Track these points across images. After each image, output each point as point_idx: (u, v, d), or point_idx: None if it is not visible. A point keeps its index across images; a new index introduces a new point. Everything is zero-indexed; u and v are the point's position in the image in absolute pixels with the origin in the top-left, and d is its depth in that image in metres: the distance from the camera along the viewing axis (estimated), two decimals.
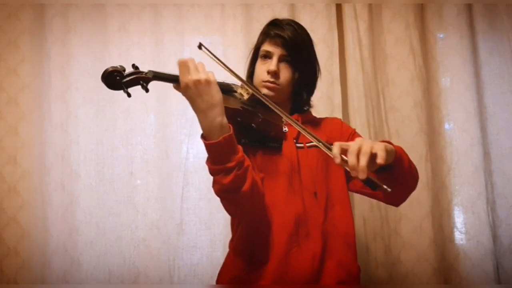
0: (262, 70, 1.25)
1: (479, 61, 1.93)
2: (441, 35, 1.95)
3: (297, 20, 1.85)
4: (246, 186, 1.04)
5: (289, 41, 1.23)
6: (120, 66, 0.99)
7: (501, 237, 1.84)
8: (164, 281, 1.70)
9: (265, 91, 1.23)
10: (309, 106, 1.34)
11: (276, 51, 1.24)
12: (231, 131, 1.02)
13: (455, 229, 1.84)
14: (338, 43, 1.91)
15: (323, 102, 1.86)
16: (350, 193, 1.30)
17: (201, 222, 1.76)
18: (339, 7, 1.95)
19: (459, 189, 1.86)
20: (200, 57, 1.84)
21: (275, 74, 1.22)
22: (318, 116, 1.38)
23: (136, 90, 1.96)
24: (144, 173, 1.76)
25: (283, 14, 1.81)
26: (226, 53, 1.83)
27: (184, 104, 1.78)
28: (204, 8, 1.86)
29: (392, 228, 1.83)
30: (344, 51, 1.93)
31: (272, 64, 1.22)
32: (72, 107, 1.75)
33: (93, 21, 1.80)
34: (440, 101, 1.91)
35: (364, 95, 1.88)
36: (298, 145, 1.25)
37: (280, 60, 1.24)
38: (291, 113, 1.30)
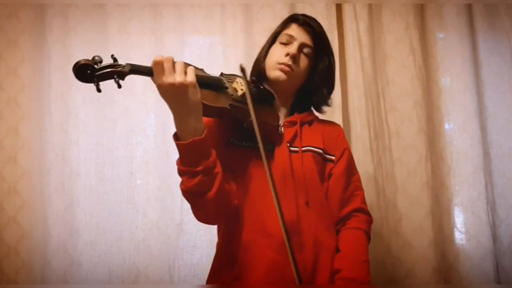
0: (280, 53, 1.20)
1: (479, 61, 1.93)
2: (441, 35, 1.95)
3: None
4: (211, 193, 1.00)
5: (317, 31, 1.21)
6: (98, 57, 0.92)
7: (501, 237, 1.84)
8: (164, 281, 1.70)
9: (277, 73, 1.19)
10: (327, 104, 1.31)
11: (300, 38, 1.20)
12: (203, 135, 0.98)
13: (455, 229, 1.84)
14: (338, 43, 1.91)
15: None
16: None
17: (201, 222, 1.76)
18: (339, 7, 1.95)
19: (459, 189, 1.85)
20: (201, 56, 1.84)
21: (294, 58, 1.18)
22: (322, 118, 1.34)
23: (136, 90, 1.96)
24: (144, 173, 1.76)
25: (283, 14, 1.81)
26: (226, 53, 1.83)
27: None
28: (204, 8, 1.86)
29: (392, 228, 1.83)
30: (344, 51, 1.93)
31: (293, 48, 1.19)
32: (72, 107, 1.75)
33: (93, 21, 1.80)
34: (440, 101, 1.91)
35: (364, 95, 1.88)
36: (292, 149, 1.19)
37: (300, 48, 1.20)
38: (292, 109, 1.27)
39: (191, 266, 1.74)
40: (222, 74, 1.15)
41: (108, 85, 0.97)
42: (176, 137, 0.99)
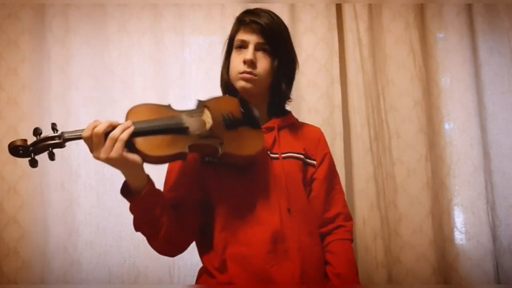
0: (238, 61, 1.15)
1: (479, 61, 1.93)
2: (441, 35, 1.95)
3: (297, 20, 1.87)
4: (156, 238, 1.07)
5: (266, 27, 1.14)
6: (38, 128, 0.97)
7: (501, 237, 1.84)
8: (164, 281, 1.70)
9: (241, 83, 1.15)
10: (289, 99, 1.26)
11: (252, 39, 1.15)
12: (142, 194, 1.02)
13: (455, 229, 1.84)
14: (338, 43, 1.91)
15: (323, 102, 1.85)
16: (348, 193, 1.27)
17: None
18: (339, 7, 1.95)
19: (459, 189, 1.85)
20: (201, 56, 1.83)
21: (251, 63, 1.14)
22: (311, 120, 1.34)
23: (136, 90, 1.95)
24: None
25: (283, 14, 1.80)
26: None
27: (184, 105, 1.78)
28: (204, 8, 1.86)
29: (392, 228, 1.84)
30: (344, 51, 1.92)
31: (248, 53, 1.14)
32: (72, 107, 1.75)
33: (93, 21, 1.80)
34: (440, 101, 1.91)
35: (364, 95, 1.87)
36: (272, 155, 1.17)
37: (257, 48, 1.15)
38: (270, 113, 1.24)
39: (191, 266, 1.74)
40: (198, 101, 1.13)
41: (107, 85, 0.98)
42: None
